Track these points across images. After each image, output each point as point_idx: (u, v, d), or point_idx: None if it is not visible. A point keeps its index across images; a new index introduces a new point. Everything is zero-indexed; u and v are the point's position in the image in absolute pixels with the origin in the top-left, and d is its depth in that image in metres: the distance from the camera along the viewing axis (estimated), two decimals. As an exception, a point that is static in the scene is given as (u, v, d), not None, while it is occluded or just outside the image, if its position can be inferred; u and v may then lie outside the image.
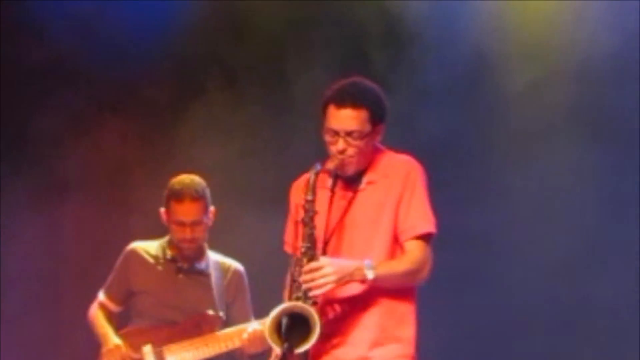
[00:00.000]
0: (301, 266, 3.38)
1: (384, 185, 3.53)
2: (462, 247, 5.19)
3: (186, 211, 4.22)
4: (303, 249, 3.41)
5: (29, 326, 5.65)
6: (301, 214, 3.46)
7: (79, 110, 5.95)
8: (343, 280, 3.37)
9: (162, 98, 6.02)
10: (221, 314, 4.33)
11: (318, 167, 3.49)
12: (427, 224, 3.50)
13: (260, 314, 4.25)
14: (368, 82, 3.60)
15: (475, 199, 5.42)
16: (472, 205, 5.33)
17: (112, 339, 4.27)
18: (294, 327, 3.30)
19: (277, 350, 3.30)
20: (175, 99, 6.02)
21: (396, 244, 3.52)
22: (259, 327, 4.14)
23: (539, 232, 5.42)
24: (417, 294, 3.56)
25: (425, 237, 3.50)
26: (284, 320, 3.30)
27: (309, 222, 3.43)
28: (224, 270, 4.40)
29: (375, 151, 3.58)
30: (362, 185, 3.55)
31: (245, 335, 4.17)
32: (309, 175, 3.49)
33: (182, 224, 4.23)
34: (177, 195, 4.23)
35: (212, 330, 4.29)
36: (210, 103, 5.92)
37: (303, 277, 3.35)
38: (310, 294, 3.33)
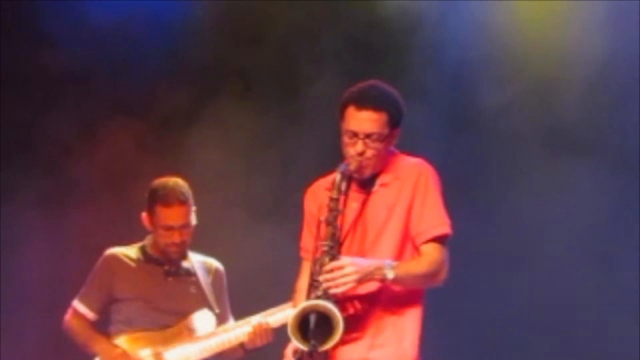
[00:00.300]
0: (322, 265, 3.39)
1: (395, 187, 3.55)
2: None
3: (175, 215, 4.17)
4: (325, 248, 3.41)
5: (32, 333, 5.64)
6: (325, 212, 3.46)
7: (89, 116, 5.95)
8: (363, 280, 3.38)
9: (172, 105, 6.02)
10: (217, 311, 4.30)
11: (344, 166, 3.49)
12: (442, 225, 3.52)
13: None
14: (387, 86, 3.61)
15: (475, 210, 5.46)
16: (472, 217, 5.30)
17: (113, 346, 4.21)
18: (315, 325, 3.32)
19: (302, 348, 3.32)
20: (186, 106, 6.02)
21: (405, 246, 3.53)
22: (263, 319, 4.15)
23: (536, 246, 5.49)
24: (427, 299, 3.58)
25: (441, 239, 3.52)
26: (312, 318, 3.30)
27: (332, 221, 3.44)
28: (207, 269, 4.37)
29: (389, 154, 3.59)
30: (375, 187, 3.57)
31: (249, 329, 4.16)
32: (334, 175, 3.49)
33: (170, 229, 4.17)
34: (164, 200, 4.16)
35: (210, 327, 4.26)
36: (221, 111, 5.93)
37: (324, 276, 3.35)
38: (331, 292, 3.34)
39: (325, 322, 3.30)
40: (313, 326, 3.29)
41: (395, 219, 3.53)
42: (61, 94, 5.94)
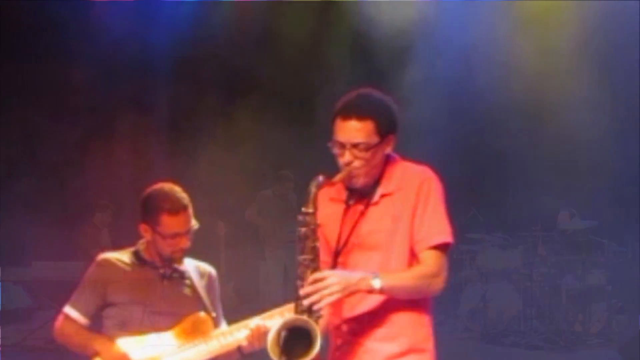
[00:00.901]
0: (303, 279, 3.36)
1: (398, 198, 3.50)
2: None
3: (182, 222, 4.16)
4: (305, 262, 3.38)
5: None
6: (301, 228, 3.41)
7: (100, 128, 6.01)
8: (347, 290, 3.33)
9: (183, 116, 6.11)
10: (214, 314, 4.28)
11: (320, 179, 3.47)
12: (442, 234, 3.47)
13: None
14: (377, 93, 3.55)
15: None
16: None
17: (114, 345, 4.17)
18: (298, 339, 3.32)
19: None
20: (196, 117, 6.09)
21: (414, 255, 3.49)
22: (261, 322, 4.12)
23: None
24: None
25: (441, 247, 3.46)
26: (283, 333, 3.31)
27: (310, 234, 3.40)
28: (201, 273, 4.35)
29: (389, 161, 3.55)
30: (376, 198, 3.52)
31: (247, 332, 4.12)
32: (311, 188, 3.45)
33: (178, 235, 4.17)
34: (171, 209, 4.14)
35: (207, 330, 4.22)
36: (232, 122, 6.00)
37: (306, 290, 3.32)
38: (315, 307, 3.31)
39: (306, 337, 3.29)
40: (284, 341, 3.31)
41: (402, 230, 3.48)
42: (71, 105, 6.00)
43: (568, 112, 8.91)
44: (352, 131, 3.46)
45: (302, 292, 3.34)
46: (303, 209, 3.44)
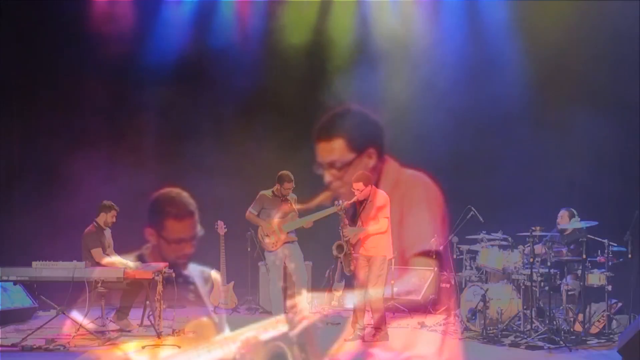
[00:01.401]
0: None
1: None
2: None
3: (187, 228, 4.18)
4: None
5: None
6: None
7: (112, 142, 5.99)
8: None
9: (184, 118, 6.12)
10: (216, 319, 4.28)
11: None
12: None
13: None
14: (353, 110, 3.61)
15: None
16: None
17: (117, 349, 4.24)
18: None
19: None
20: (197, 119, 6.10)
21: None
22: (252, 334, 4.13)
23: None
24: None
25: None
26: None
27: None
28: (204, 278, 4.36)
29: (384, 167, 3.63)
30: (373, 212, 3.57)
31: (240, 344, 4.27)
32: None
33: (182, 241, 4.17)
34: (177, 214, 4.15)
35: (210, 335, 4.23)
36: (234, 123, 6.00)
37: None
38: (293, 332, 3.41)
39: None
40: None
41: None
42: (73, 107, 6.01)
43: (568, 112, 8.92)
44: (325, 151, 3.55)
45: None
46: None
